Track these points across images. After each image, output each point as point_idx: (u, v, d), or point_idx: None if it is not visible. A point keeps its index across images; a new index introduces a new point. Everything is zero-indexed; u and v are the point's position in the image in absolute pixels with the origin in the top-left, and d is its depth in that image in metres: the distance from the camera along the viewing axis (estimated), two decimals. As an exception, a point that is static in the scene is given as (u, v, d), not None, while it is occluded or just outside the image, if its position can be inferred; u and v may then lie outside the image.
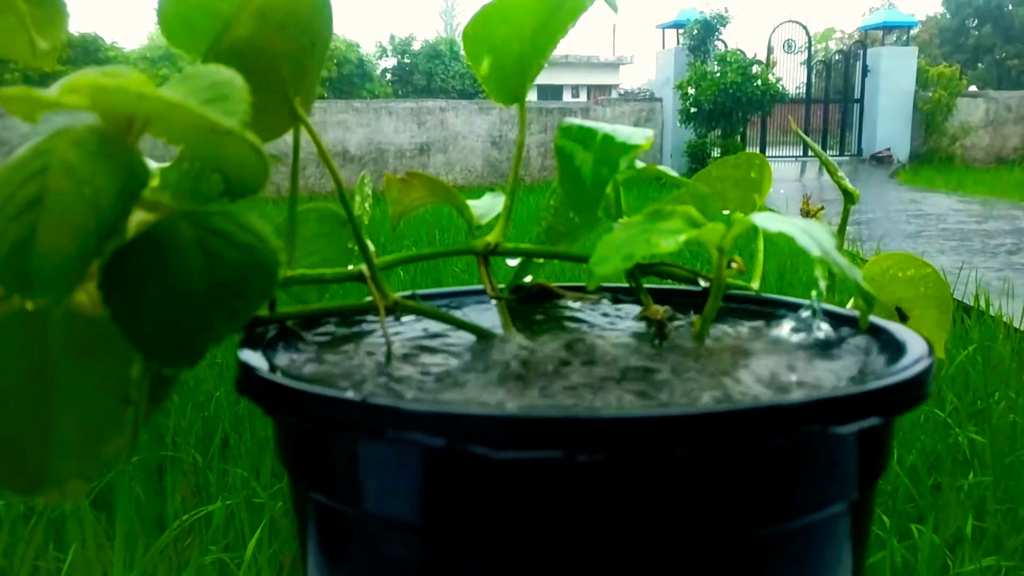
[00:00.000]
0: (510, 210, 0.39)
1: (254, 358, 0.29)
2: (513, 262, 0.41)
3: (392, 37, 14.53)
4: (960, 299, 3.60)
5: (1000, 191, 8.50)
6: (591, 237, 0.40)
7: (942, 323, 0.51)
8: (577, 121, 0.37)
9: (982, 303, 3.44)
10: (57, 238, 0.20)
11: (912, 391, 0.25)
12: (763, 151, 12.34)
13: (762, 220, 0.28)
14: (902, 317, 0.51)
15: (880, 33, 12.82)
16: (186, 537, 1.68)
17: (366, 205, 0.49)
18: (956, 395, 2.57)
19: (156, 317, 0.22)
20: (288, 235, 0.34)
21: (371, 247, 0.42)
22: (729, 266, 0.35)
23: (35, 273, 0.20)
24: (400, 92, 13.95)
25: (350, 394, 0.23)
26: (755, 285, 0.43)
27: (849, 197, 0.48)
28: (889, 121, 12.04)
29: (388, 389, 0.28)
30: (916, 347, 0.28)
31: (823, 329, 0.34)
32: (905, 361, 0.26)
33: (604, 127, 0.37)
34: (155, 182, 0.32)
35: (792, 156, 13.03)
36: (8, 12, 0.37)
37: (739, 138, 10.16)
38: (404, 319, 0.40)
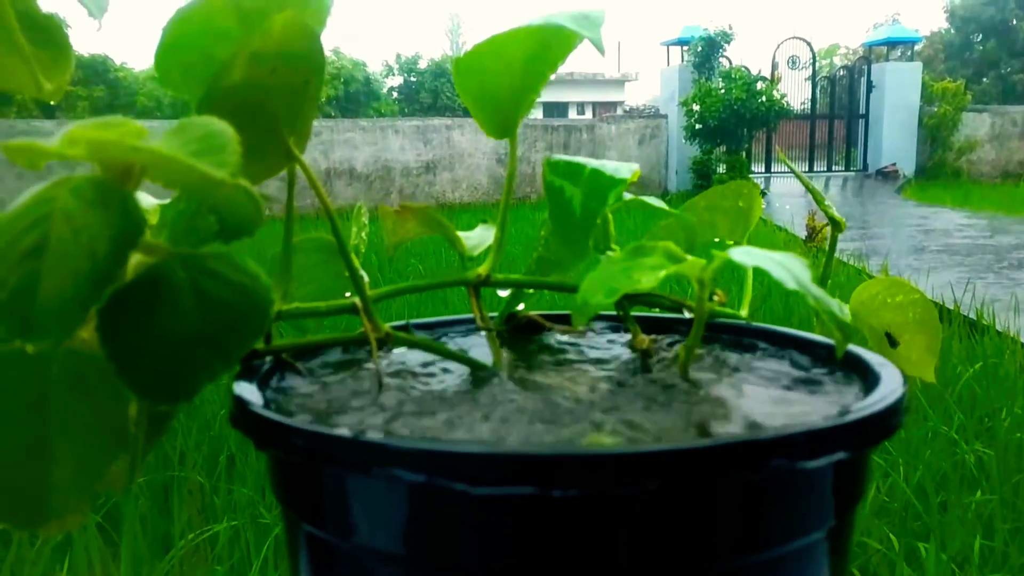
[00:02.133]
0: (500, 242, 0.40)
1: (248, 391, 0.30)
2: (505, 292, 0.42)
3: (398, 56, 14.65)
4: (966, 314, 3.59)
5: (1007, 206, 8.48)
6: (582, 266, 0.41)
7: (931, 347, 0.52)
8: (565, 157, 0.38)
9: (988, 318, 3.43)
10: (58, 286, 0.21)
11: (882, 424, 0.26)
12: (768, 167, 12.36)
13: (739, 255, 0.29)
14: (892, 342, 0.52)
15: (884, 49, 12.85)
16: (192, 557, 1.68)
17: (363, 234, 0.51)
18: (964, 412, 2.56)
19: (150, 359, 0.23)
20: (283, 269, 0.35)
21: (365, 277, 0.43)
22: (711, 298, 0.36)
23: (36, 319, 0.21)
24: (406, 110, 14.04)
25: (338, 431, 0.24)
26: (743, 313, 0.44)
27: (836, 225, 0.49)
28: (894, 136, 12.05)
29: (377, 422, 0.29)
30: (889, 380, 0.29)
31: (803, 359, 0.35)
32: (875, 396, 0.27)
33: (591, 162, 0.38)
34: (154, 219, 0.33)
35: (798, 172, 13.02)
36: (14, 52, 0.38)
37: (744, 154, 10.17)
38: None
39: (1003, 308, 3.76)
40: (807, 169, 12.85)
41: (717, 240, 0.51)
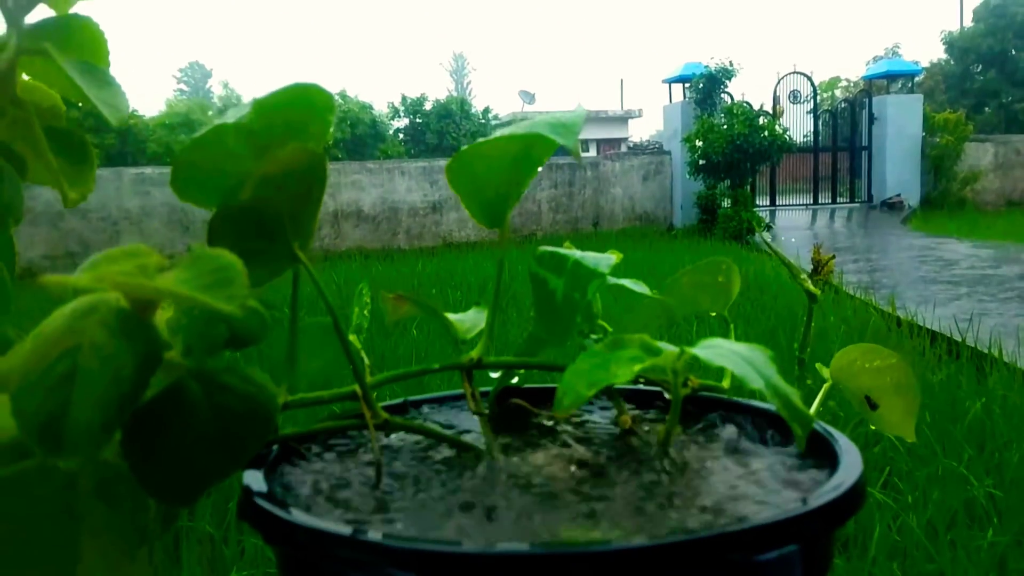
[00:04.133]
0: (492, 327, 0.42)
1: (255, 481, 0.33)
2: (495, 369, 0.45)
3: (404, 98, 14.84)
4: (974, 346, 3.59)
5: (1013, 235, 8.48)
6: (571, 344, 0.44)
7: (910, 410, 0.54)
8: (551, 248, 0.41)
9: (996, 351, 3.43)
10: (87, 411, 0.23)
11: (836, 514, 0.28)
12: (773, 200, 12.42)
13: (704, 352, 0.32)
14: (872, 406, 0.54)
15: (885, 81, 12.98)
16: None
17: (365, 312, 0.54)
18: (974, 447, 2.55)
19: (169, 469, 0.26)
20: (288, 363, 0.37)
21: (365, 360, 0.46)
22: (685, 384, 0.39)
23: (68, 440, 0.24)
24: (412, 151, 14.20)
25: (338, 529, 0.27)
26: (725, 384, 0.46)
27: (812, 297, 0.51)
28: (898, 167, 12.12)
29: (375, 515, 0.31)
30: (847, 465, 0.31)
31: (773, 438, 0.37)
32: (833, 482, 0.29)
33: (574, 253, 0.41)
34: (168, 313, 0.36)
35: (802, 204, 13.09)
36: (42, 160, 0.42)
37: (748, 188, 10.23)
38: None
39: (1011, 339, 3.75)
40: (812, 202, 12.90)
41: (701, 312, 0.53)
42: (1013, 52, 21.77)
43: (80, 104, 0.43)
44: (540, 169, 0.41)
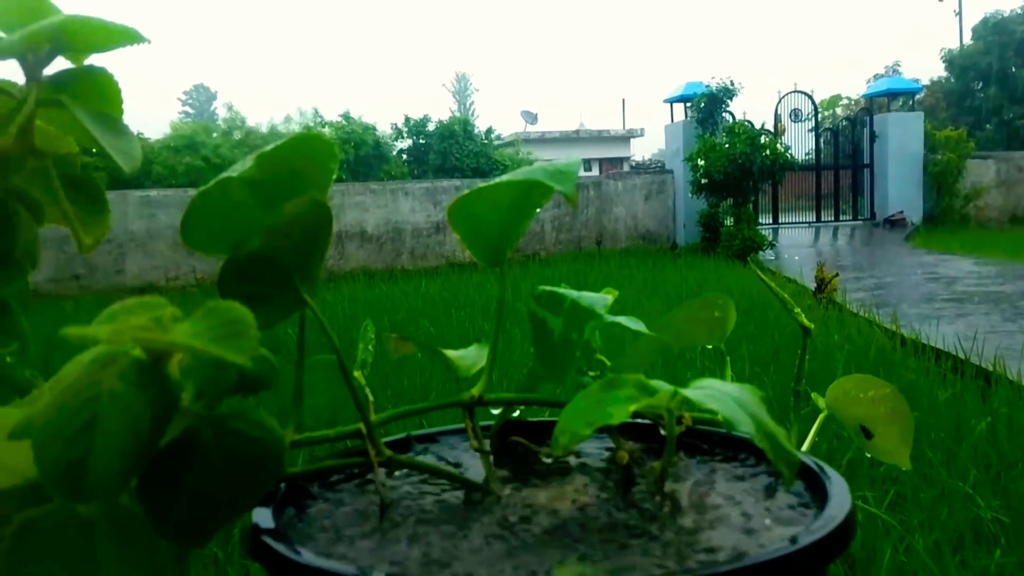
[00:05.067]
0: (492, 364, 0.44)
1: (264, 518, 0.34)
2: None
3: (407, 119, 14.94)
4: (978, 364, 3.58)
5: (1016, 252, 8.48)
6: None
7: (905, 438, 0.55)
8: (549, 288, 0.42)
9: (1000, 369, 3.42)
10: (107, 460, 0.25)
11: (826, 551, 0.29)
12: (776, 218, 12.44)
13: (695, 394, 0.33)
14: (867, 435, 0.55)
15: (886, 99, 13.04)
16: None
17: (369, 347, 0.55)
18: (979, 467, 2.54)
19: (182, 512, 0.27)
20: (295, 404, 0.39)
21: (370, 397, 0.47)
22: (679, 422, 0.40)
23: (88, 487, 0.25)
24: (416, 171, 14.27)
25: (343, 568, 0.28)
26: (720, 417, 0.47)
27: (806, 331, 0.52)
28: (900, 185, 12.14)
29: (380, 552, 0.32)
30: (836, 502, 0.32)
31: (767, 472, 0.38)
32: (820, 521, 0.30)
33: (571, 293, 0.42)
34: (178, 356, 0.37)
35: (805, 222, 13.11)
36: (58, 206, 0.43)
37: (751, 206, 10.26)
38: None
39: (1015, 357, 3.74)
40: (815, 219, 12.92)
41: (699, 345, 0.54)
42: (1013, 69, 21.87)
43: (94, 150, 0.45)
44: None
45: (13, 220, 0.39)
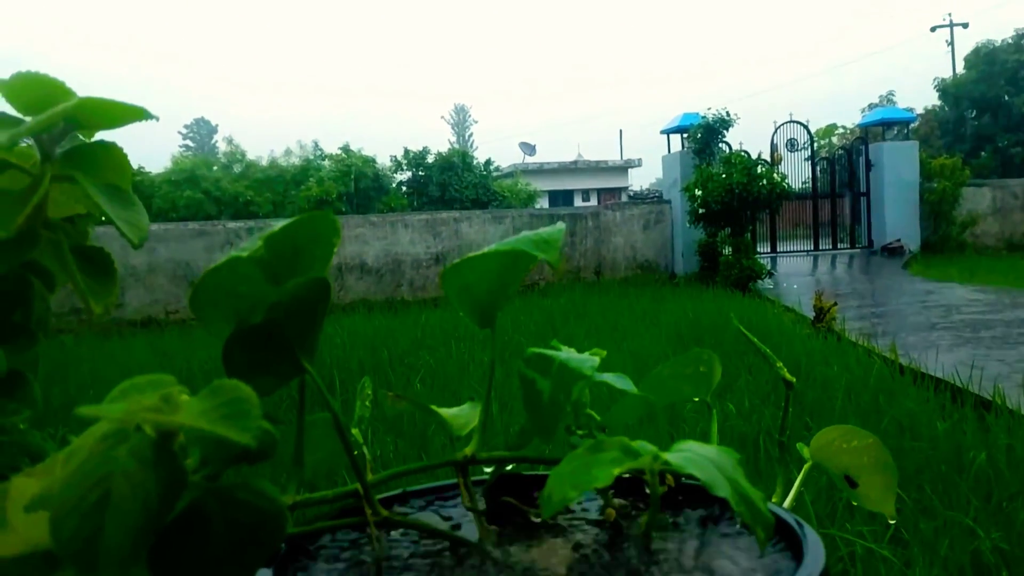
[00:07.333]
0: (485, 424, 0.45)
1: (267, 581, 0.36)
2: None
3: (406, 151, 15.05)
4: (977, 393, 3.58)
5: (1014, 279, 8.50)
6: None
7: (888, 486, 0.57)
8: (538, 350, 0.44)
9: (999, 398, 3.42)
10: (119, 535, 0.26)
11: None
12: (774, 247, 12.49)
13: (675, 457, 0.34)
14: (852, 484, 0.57)
15: (880, 128, 13.17)
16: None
17: (367, 403, 0.57)
18: (980, 498, 2.54)
19: (189, 583, 0.28)
20: (295, 463, 0.40)
21: (366, 455, 0.49)
22: (663, 483, 0.41)
23: (102, 561, 0.26)
24: (415, 203, 14.35)
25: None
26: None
27: (788, 385, 0.54)
28: (897, 212, 12.22)
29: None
30: (811, 559, 0.34)
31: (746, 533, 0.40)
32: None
33: (560, 355, 0.44)
34: (183, 416, 0.39)
35: (803, 250, 13.16)
36: (68, 274, 0.45)
37: (749, 236, 10.31)
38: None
39: (1014, 386, 3.74)
40: (812, 248, 12.97)
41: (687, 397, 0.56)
42: (1006, 97, 22.10)
43: (104, 219, 0.47)
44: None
45: (28, 293, 0.41)
